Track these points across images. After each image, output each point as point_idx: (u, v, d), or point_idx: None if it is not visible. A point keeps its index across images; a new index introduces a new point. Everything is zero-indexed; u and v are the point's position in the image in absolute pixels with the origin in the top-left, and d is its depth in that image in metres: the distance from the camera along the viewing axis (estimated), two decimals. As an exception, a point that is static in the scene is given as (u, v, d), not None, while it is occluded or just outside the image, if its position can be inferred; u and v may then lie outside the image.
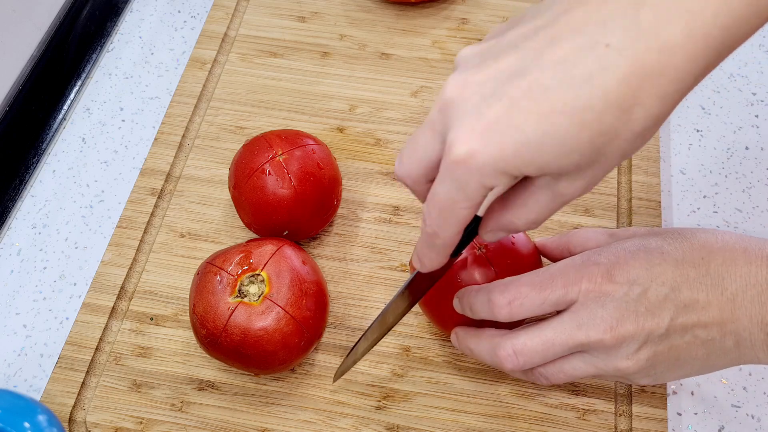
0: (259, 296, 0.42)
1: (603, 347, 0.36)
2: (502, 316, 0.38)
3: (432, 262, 0.35)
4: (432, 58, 0.61)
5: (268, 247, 0.44)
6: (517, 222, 0.33)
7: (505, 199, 0.33)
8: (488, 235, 0.35)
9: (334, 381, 0.45)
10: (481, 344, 0.40)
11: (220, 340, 0.41)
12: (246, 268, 0.43)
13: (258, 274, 0.42)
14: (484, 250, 0.43)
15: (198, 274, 0.44)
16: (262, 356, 0.41)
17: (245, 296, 0.42)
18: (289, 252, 0.44)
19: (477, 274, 0.42)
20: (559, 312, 0.38)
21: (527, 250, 0.44)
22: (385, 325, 0.41)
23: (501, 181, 0.29)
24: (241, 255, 0.43)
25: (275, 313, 0.41)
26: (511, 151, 0.28)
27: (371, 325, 0.41)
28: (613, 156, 0.29)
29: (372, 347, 0.42)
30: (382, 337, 0.42)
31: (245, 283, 0.42)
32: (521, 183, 0.32)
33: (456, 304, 0.41)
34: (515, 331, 0.38)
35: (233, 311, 0.41)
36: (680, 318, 0.35)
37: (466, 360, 0.47)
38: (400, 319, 0.41)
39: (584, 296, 0.36)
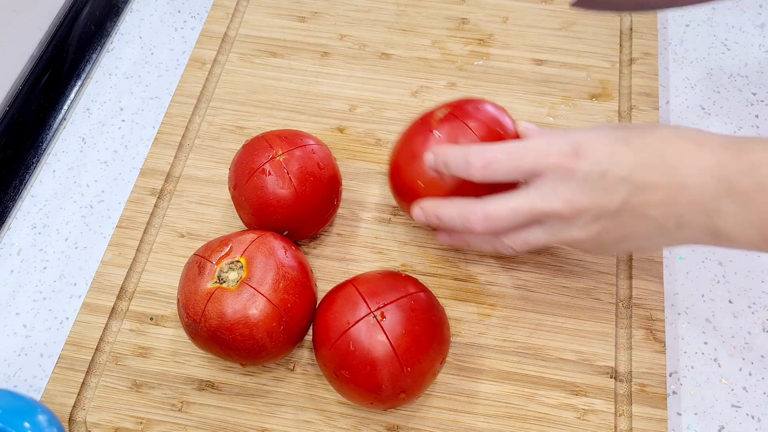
0: (237, 281, 0.42)
1: (560, 218, 0.41)
2: (476, 176, 0.42)
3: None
4: (432, 58, 0.61)
5: (250, 236, 0.44)
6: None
7: None
8: None
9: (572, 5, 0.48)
10: (452, 210, 0.44)
11: (199, 327, 0.42)
12: (225, 255, 0.43)
13: (237, 261, 0.43)
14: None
15: (185, 266, 0.44)
16: (239, 341, 0.41)
17: (224, 282, 0.42)
18: (271, 240, 0.44)
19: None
20: (525, 184, 0.42)
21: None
22: None
23: None
24: (223, 244, 0.44)
25: (251, 296, 0.41)
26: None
27: None
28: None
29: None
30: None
31: (224, 270, 0.42)
32: None
33: (429, 158, 0.45)
34: (485, 198, 0.43)
35: (211, 296, 0.41)
36: (632, 198, 0.40)
37: (466, 360, 0.47)
38: None
39: (551, 171, 0.41)
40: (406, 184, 0.48)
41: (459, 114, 0.47)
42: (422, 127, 0.48)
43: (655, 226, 0.40)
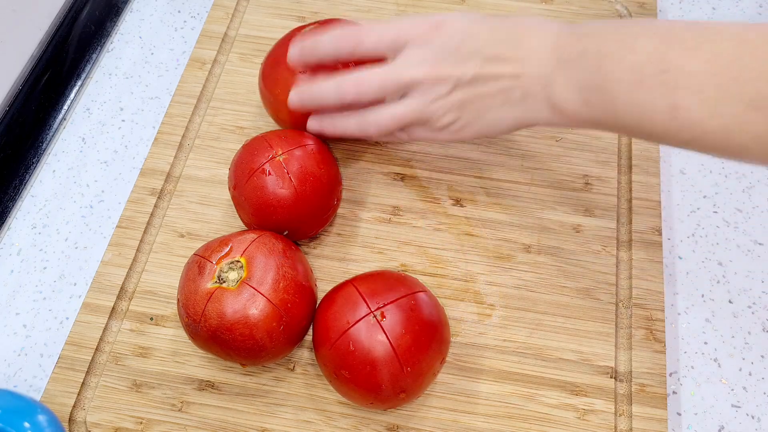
0: (237, 281, 0.42)
1: (422, 86, 0.45)
2: (351, 42, 0.47)
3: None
4: (432, 58, 0.61)
5: (250, 236, 0.44)
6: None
7: None
8: None
9: None
10: (327, 84, 0.48)
11: (199, 327, 0.42)
12: (225, 255, 0.43)
13: (237, 261, 0.43)
14: None
15: (185, 266, 0.44)
16: (239, 341, 0.41)
17: (224, 282, 0.42)
18: (271, 240, 0.44)
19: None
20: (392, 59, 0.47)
21: None
22: None
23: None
24: (223, 244, 0.44)
25: (251, 296, 0.41)
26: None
27: None
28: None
29: None
30: None
31: (224, 270, 0.42)
32: None
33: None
34: (355, 70, 0.48)
35: (211, 296, 0.41)
36: (483, 69, 0.44)
37: (466, 360, 0.47)
38: None
39: (413, 41, 0.45)
40: (271, 91, 0.52)
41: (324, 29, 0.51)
42: (289, 36, 0.53)
43: (504, 97, 0.44)
